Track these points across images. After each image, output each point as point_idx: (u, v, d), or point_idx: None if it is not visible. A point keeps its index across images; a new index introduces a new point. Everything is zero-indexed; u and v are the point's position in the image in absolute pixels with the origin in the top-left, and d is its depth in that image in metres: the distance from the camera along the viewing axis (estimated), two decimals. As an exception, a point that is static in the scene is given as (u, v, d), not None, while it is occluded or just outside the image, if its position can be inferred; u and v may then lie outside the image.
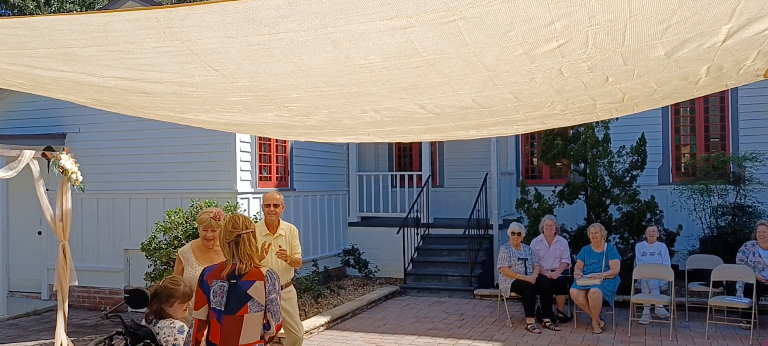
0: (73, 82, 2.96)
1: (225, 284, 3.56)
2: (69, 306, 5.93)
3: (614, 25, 2.30)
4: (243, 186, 9.34)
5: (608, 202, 9.81)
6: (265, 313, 3.58)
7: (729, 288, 8.65)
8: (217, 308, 3.58)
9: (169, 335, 4.12)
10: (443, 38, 2.31)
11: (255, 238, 3.64)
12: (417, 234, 11.62)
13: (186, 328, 4.19)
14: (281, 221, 5.80)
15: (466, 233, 10.67)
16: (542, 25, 2.23)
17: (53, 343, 5.85)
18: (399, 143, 13.88)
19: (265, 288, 3.51)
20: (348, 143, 12.35)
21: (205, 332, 3.86)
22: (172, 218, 7.95)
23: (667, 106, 11.48)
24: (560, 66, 2.65)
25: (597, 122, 9.81)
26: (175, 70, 2.61)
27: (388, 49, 2.42)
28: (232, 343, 3.53)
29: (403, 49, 2.40)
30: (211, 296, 3.61)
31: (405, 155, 14.21)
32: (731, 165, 10.60)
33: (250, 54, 2.46)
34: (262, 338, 3.60)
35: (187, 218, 7.95)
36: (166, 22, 2.26)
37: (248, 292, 3.50)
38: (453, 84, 2.83)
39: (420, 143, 12.88)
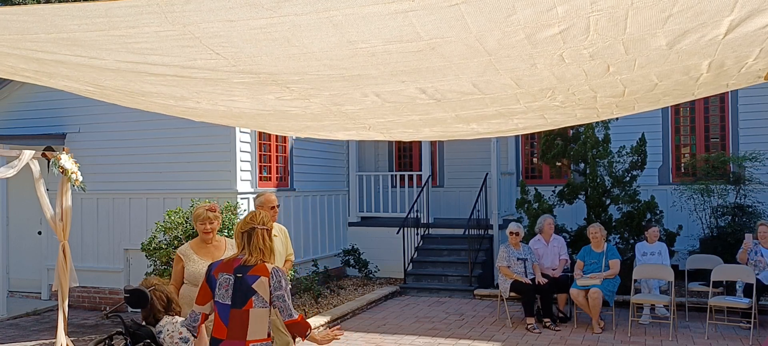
0: (74, 65, 2.95)
1: (231, 277, 3.58)
2: (69, 306, 5.92)
3: (616, 11, 2.30)
4: (243, 186, 9.33)
5: (608, 202, 9.82)
6: (270, 310, 3.59)
7: (729, 288, 8.65)
8: (221, 301, 3.58)
9: (173, 331, 4.13)
10: (445, 22, 2.32)
11: (269, 236, 3.65)
12: (417, 234, 11.62)
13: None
14: None
15: (466, 233, 10.67)
16: (544, 10, 2.23)
17: (53, 343, 5.84)
18: (399, 143, 13.88)
19: (270, 284, 3.52)
20: (348, 142, 12.35)
21: (205, 325, 3.87)
22: (172, 218, 7.95)
23: (668, 106, 11.50)
24: (562, 52, 2.66)
25: (597, 122, 9.82)
26: (176, 53, 2.62)
27: (390, 33, 2.42)
28: (239, 338, 3.53)
29: (405, 33, 2.41)
30: (217, 289, 3.62)
31: (405, 155, 14.21)
32: (731, 165, 10.61)
33: (251, 37, 2.47)
34: (269, 335, 3.61)
35: (187, 218, 7.96)
36: (168, 6, 2.26)
37: (253, 286, 3.51)
38: (454, 68, 2.83)
39: (420, 143, 12.87)
